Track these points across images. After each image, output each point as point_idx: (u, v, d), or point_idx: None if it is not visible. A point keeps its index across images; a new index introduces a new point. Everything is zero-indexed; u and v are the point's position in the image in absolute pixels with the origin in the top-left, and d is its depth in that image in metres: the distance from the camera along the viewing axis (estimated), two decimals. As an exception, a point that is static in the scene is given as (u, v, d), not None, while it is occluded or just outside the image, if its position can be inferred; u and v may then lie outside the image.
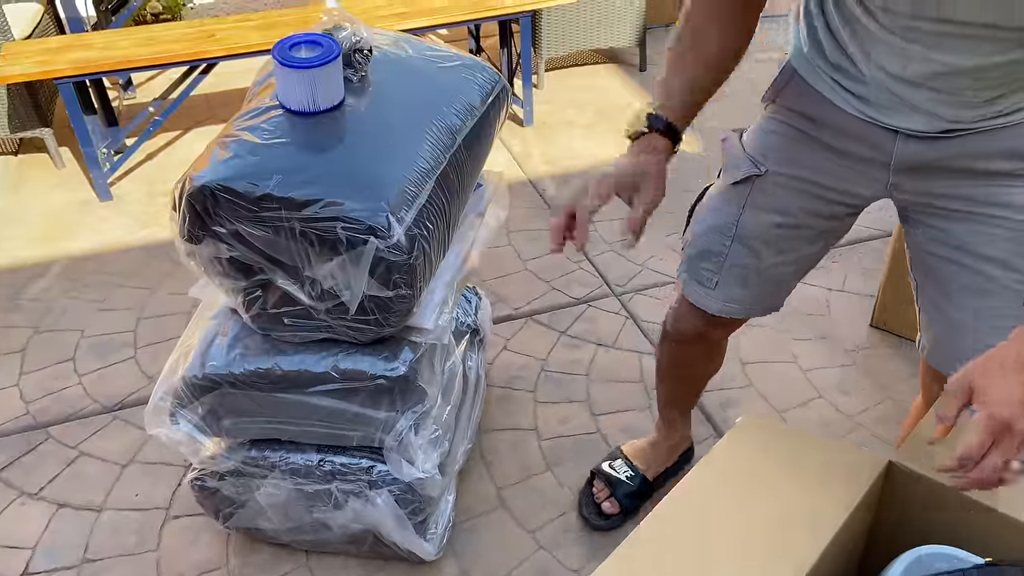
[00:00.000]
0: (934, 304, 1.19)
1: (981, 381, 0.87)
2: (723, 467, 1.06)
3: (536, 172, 3.00)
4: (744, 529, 0.94)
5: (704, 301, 1.34)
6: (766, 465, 1.05)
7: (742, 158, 1.23)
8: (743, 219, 1.24)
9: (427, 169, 1.33)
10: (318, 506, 1.55)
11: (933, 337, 1.22)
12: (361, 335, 1.39)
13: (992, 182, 1.08)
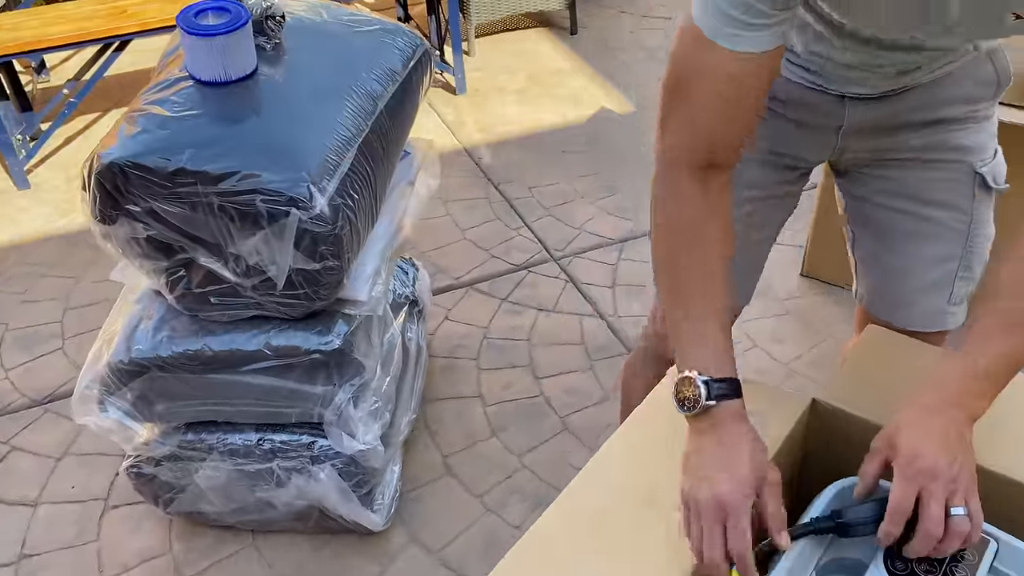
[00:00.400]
0: (873, 254, 1.20)
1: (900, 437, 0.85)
2: (661, 411, 1.07)
3: (471, 140, 2.97)
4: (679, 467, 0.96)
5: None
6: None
7: None
8: None
9: (348, 137, 1.31)
10: (260, 485, 1.53)
11: (871, 285, 1.23)
12: (292, 310, 1.37)
13: (944, 128, 1.08)
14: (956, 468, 0.82)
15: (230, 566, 1.61)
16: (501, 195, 2.70)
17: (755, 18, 0.80)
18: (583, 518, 0.94)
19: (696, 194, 0.89)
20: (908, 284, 1.16)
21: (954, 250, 1.12)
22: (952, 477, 0.82)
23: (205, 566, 1.62)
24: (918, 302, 1.17)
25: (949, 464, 0.82)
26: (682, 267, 0.91)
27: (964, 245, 1.12)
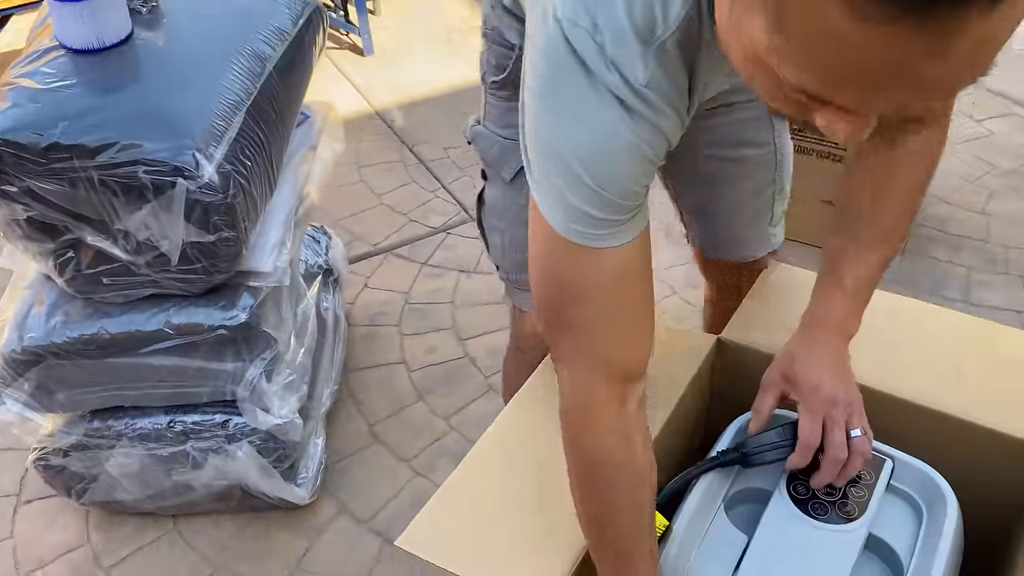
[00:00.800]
0: (699, 204, 1.22)
1: (791, 369, 0.90)
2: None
3: (382, 103, 2.90)
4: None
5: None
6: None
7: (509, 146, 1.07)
8: None
9: (235, 100, 1.25)
10: (176, 468, 1.49)
11: (700, 232, 1.26)
12: (191, 286, 1.32)
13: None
14: (849, 393, 0.86)
15: (152, 553, 1.57)
16: (416, 157, 2.65)
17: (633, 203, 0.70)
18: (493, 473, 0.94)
19: (618, 429, 0.78)
20: (735, 223, 1.20)
21: (768, 179, 1.16)
22: (848, 402, 0.86)
23: (126, 554, 1.57)
24: (745, 236, 1.21)
25: (844, 391, 0.86)
26: (613, 523, 0.81)
27: (775, 171, 1.16)
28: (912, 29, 0.41)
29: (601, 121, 0.65)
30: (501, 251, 1.13)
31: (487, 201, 1.13)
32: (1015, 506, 0.97)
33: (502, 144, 1.06)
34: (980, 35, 0.42)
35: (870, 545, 0.87)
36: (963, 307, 2.01)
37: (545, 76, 0.66)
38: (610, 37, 0.62)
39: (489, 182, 1.11)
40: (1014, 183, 2.40)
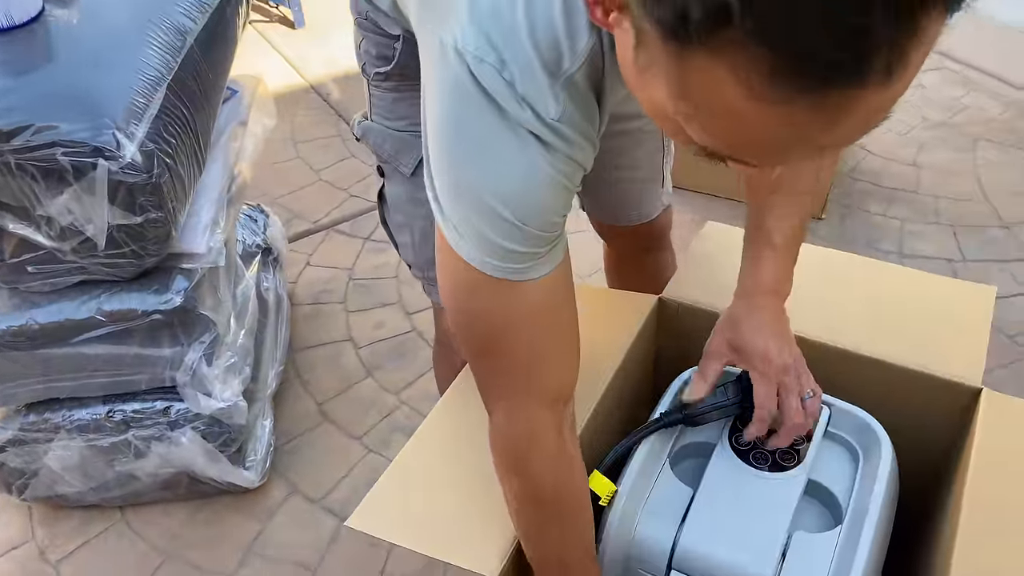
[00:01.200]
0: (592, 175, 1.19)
1: (736, 337, 0.89)
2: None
3: (317, 76, 2.84)
4: None
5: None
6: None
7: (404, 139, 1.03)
8: None
9: (156, 76, 1.21)
10: (119, 458, 1.46)
11: (594, 201, 1.27)
12: (121, 271, 1.27)
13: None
14: (795, 355, 0.87)
15: (100, 545, 1.54)
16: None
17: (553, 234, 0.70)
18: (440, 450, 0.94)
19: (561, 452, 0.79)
20: (630, 190, 1.21)
21: (657, 144, 1.17)
22: (797, 367, 0.86)
23: (72, 548, 1.53)
24: (639, 200, 1.23)
25: (791, 355, 0.87)
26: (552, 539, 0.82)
27: (661, 135, 1.16)
28: (808, 108, 0.42)
29: (520, 159, 0.63)
30: (412, 249, 1.08)
31: (389, 199, 1.07)
32: (945, 447, 1.01)
33: (395, 137, 1.01)
34: (875, 105, 0.43)
35: (810, 490, 0.90)
36: (897, 259, 2.06)
37: (453, 116, 0.64)
38: (519, 72, 0.60)
39: (388, 179, 1.05)
40: (943, 135, 2.46)
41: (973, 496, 0.83)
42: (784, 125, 0.44)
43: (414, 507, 0.88)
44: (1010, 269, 2.01)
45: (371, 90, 1.02)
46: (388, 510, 0.88)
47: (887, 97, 0.43)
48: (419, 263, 1.09)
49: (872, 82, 0.41)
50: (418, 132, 0.98)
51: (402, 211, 1.06)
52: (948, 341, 0.99)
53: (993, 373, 1.76)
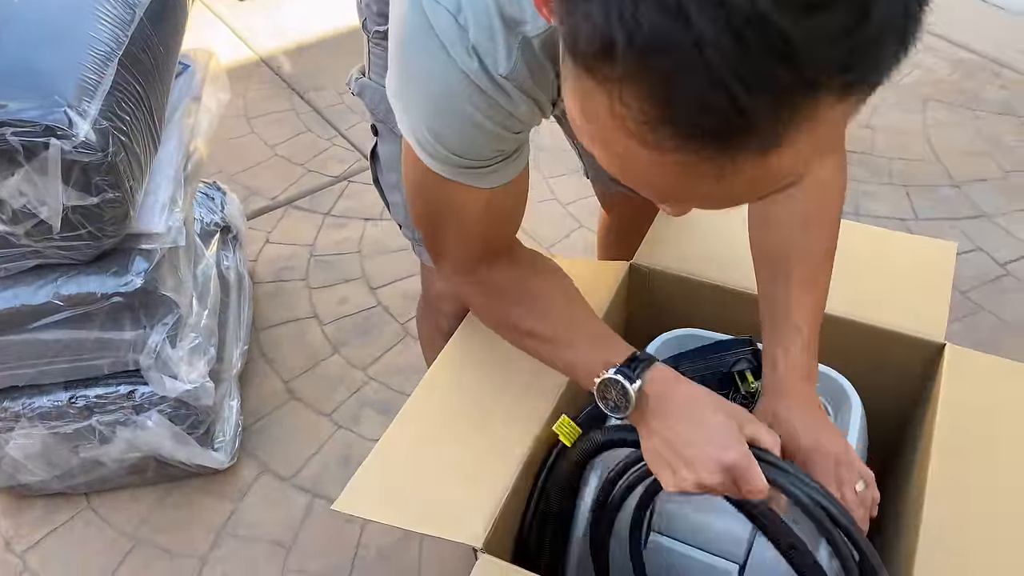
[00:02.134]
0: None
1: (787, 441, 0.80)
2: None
3: (266, 49, 2.77)
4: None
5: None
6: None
7: None
8: None
9: (106, 51, 1.16)
10: (83, 445, 1.43)
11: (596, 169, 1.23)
12: (78, 253, 1.24)
13: None
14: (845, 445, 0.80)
15: (67, 533, 1.51)
16: (309, 105, 2.56)
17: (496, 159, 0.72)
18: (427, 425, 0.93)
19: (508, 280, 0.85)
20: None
21: None
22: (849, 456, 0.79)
23: (39, 538, 1.50)
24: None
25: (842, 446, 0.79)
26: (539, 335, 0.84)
27: None
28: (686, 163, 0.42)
29: (457, 104, 0.65)
30: (404, 209, 1.06)
31: (382, 157, 1.06)
32: (911, 401, 1.04)
33: None
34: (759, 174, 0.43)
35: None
36: (852, 219, 2.09)
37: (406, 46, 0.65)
38: (473, 20, 0.60)
39: (381, 138, 1.04)
40: (895, 97, 2.51)
41: (941, 447, 0.86)
42: (668, 173, 0.43)
43: (398, 485, 0.88)
44: (961, 226, 2.06)
45: (371, 47, 1.01)
46: (373, 491, 0.87)
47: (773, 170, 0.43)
48: (410, 223, 1.08)
49: (747, 155, 0.41)
50: None
51: (396, 170, 1.04)
52: (911, 298, 1.02)
53: (948, 328, 1.82)
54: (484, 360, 0.99)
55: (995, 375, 0.93)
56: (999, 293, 1.89)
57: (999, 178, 2.20)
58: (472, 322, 1.05)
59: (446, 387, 0.97)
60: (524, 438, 0.89)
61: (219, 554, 1.48)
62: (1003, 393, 0.91)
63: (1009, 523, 0.80)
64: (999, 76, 2.57)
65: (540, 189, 2.24)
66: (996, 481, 0.83)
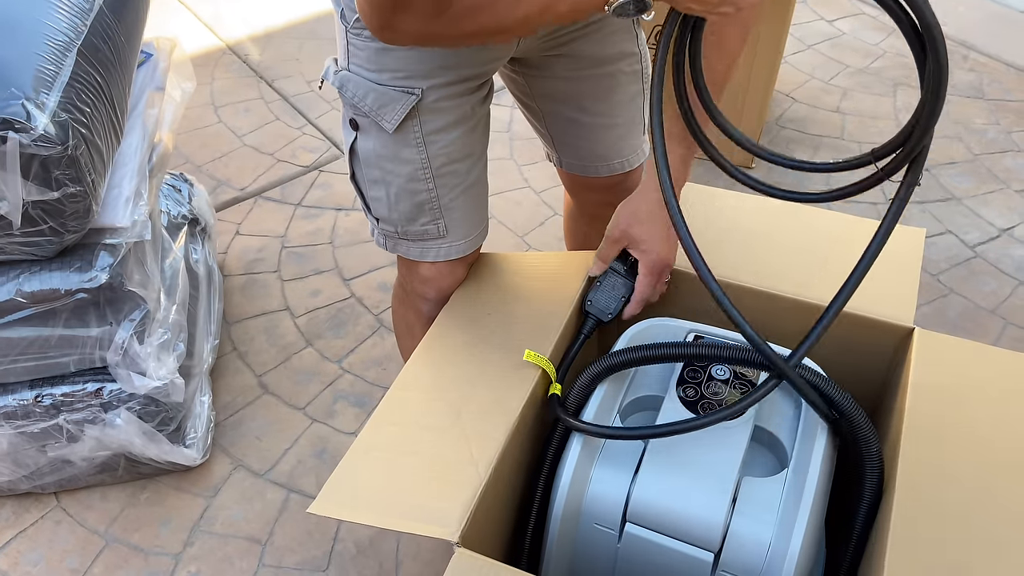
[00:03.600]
0: (569, 119, 1.18)
1: (636, 231, 1.03)
2: (468, 298, 1.07)
3: (233, 36, 2.73)
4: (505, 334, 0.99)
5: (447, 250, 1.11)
6: (505, 283, 1.07)
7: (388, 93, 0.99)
8: (431, 153, 1.03)
9: (64, 41, 1.13)
10: (51, 444, 1.40)
11: (573, 150, 1.23)
12: (40, 249, 1.21)
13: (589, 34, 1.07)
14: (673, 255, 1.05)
15: (36, 534, 1.48)
16: (277, 93, 2.52)
17: None
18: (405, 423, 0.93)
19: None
20: (604, 138, 1.19)
21: (637, 87, 1.16)
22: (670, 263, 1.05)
23: (8, 539, 1.48)
24: (615, 149, 1.20)
25: (673, 256, 1.05)
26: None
27: (642, 78, 1.16)
28: None
29: None
30: (386, 204, 1.07)
31: (362, 154, 1.05)
32: (882, 384, 1.04)
33: (379, 91, 0.98)
34: None
35: (756, 437, 0.92)
36: (823, 205, 2.11)
37: None
38: None
39: (363, 132, 1.03)
40: (865, 81, 2.52)
41: (911, 428, 0.86)
42: None
43: (375, 485, 0.87)
44: (931, 210, 2.08)
45: (349, 39, 0.99)
46: (349, 491, 0.86)
47: None
48: (392, 218, 1.08)
49: None
50: (405, 87, 0.98)
51: (378, 167, 1.04)
52: (881, 283, 1.02)
53: (918, 310, 1.83)
54: (459, 354, 0.98)
55: (964, 358, 0.94)
56: (969, 275, 1.91)
57: (968, 161, 2.22)
58: (448, 314, 1.04)
59: (421, 382, 0.96)
60: (499, 431, 0.88)
61: (193, 552, 1.46)
62: (971, 376, 0.92)
63: (979, 506, 0.80)
64: (967, 59, 2.60)
65: (514, 177, 2.23)
66: (966, 463, 0.84)
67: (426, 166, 1.03)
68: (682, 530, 0.86)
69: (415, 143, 1.01)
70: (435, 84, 0.98)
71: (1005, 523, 0.79)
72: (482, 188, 1.12)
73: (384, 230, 1.10)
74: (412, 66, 0.97)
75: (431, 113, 1.00)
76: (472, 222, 1.10)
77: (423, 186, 1.04)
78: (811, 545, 0.84)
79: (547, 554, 0.94)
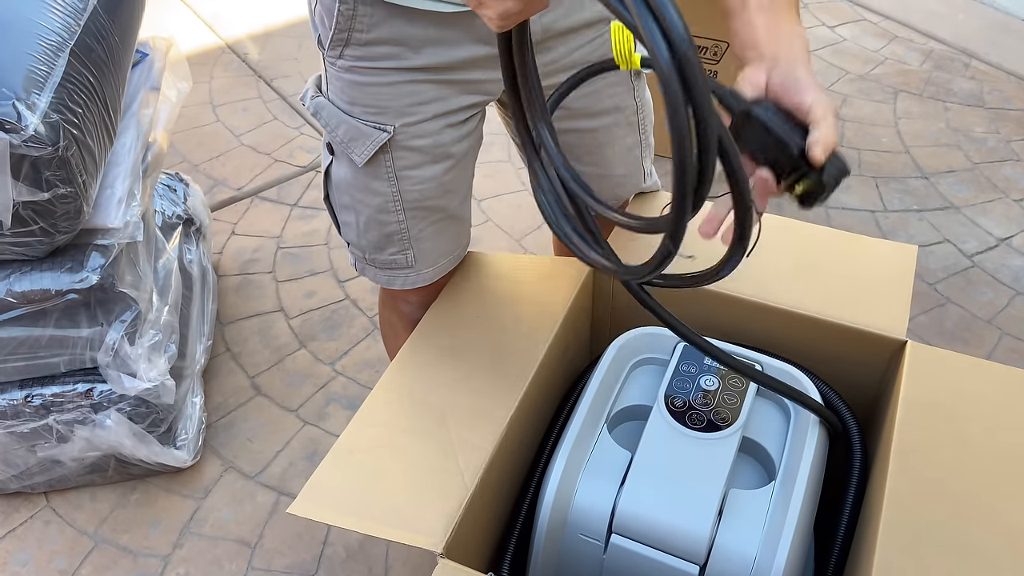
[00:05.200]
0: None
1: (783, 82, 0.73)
2: (455, 299, 1.06)
3: (233, 35, 2.72)
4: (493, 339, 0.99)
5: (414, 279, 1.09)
6: (495, 285, 1.07)
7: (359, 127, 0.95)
8: (403, 188, 0.99)
9: (56, 41, 1.13)
10: (40, 444, 1.40)
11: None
12: (31, 250, 1.20)
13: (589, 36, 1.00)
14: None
15: (26, 534, 1.48)
16: (276, 92, 2.51)
17: None
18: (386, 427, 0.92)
19: None
20: (604, 183, 1.13)
21: (634, 139, 1.12)
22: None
23: (-4, 540, 1.48)
24: (616, 195, 1.16)
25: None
26: None
27: (639, 130, 1.12)
28: None
29: None
30: (355, 231, 1.05)
31: (335, 179, 1.02)
32: (874, 396, 1.04)
33: (350, 124, 0.95)
34: None
35: (744, 448, 0.91)
36: (822, 210, 2.11)
37: None
38: None
39: (337, 159, 1.00)
40: (865, 88, 2.51)
41: (901, 441, 0.86)
42: None
43: (357, 488, 0.86)
44: (928, 218, 2.07)
45: (326, 65, 0.96)
46: (331, 493, 0.86)
47: None
48: (360, 244, 1.06)
49: None
50: (375, 123, 0.95)
51: (349, 195, 1.02)
52: (874, 297, 1.01)
53: (915, 320, 1.83)
54: (444, 356, 0.97)
55: (956, 371, 0.94)
56: (966, 285, 1.91)
57: (967, 169, 2.22)
58: (435, 315, 1.03)
59: (406, 385, 0.95)
60: (486, 441, 0.88)
61: (182, 553, 1.46)
62: (964, 389, 0.92)
63: (968, 520, 0.80)
64: (968, 67, 2.59)
65: (511, 181, 2.22)
66: (956, 476, 0.83)
67: (397, 199, 1.00)
68: (668, 542, 0.85)
69: (386, 177, 0.99)
70: (409, 122, 0.94)
71: (993, 536, 0.78)
72: (459, 220, 1.07)
73: (354, 253, 1.09)
74: (385, 102, 0.93)
75: (404, 150, 0.96)
76: (442, 251, 1.07)
77: (393, 218, 1.01)
78: (797, 558, 0.83)
79: (532, 564, 0.93)
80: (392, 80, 0.92)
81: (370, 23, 0.89)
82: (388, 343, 1.33)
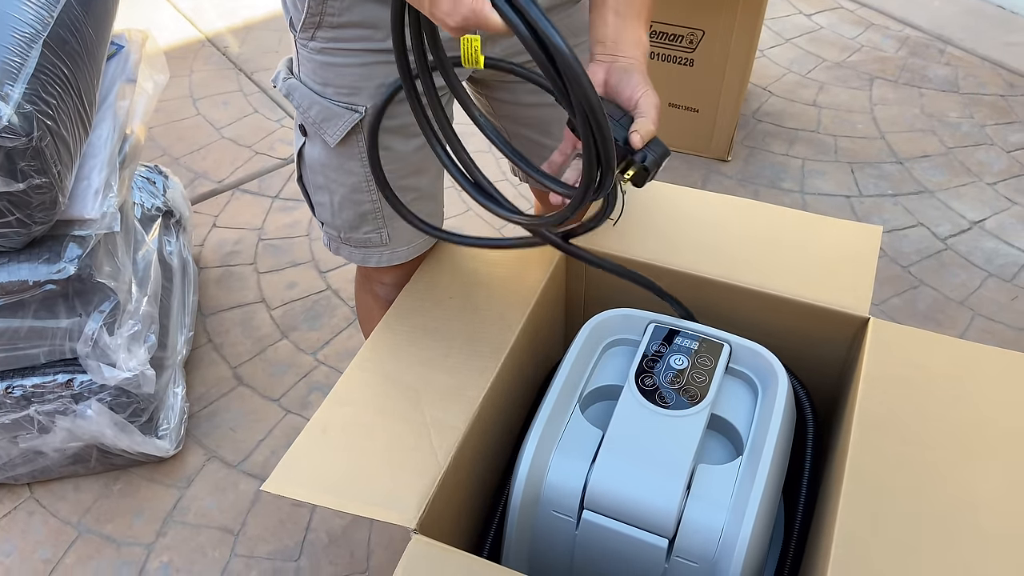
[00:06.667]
0: (534, 143, 1.16)
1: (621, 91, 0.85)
2: (430, 280, 1.07)
3: (213, 28, 2.72)
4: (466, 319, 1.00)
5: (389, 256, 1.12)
6: (468, 267, 1.08)
7: (331, 108, 0.97)
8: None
9: (29, 32, 1.13)
10: (22, 435, 1.40)
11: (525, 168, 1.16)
12: (7, 240, 1.21)
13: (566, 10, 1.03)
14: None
15: (9, 525, 1.49)
16: (256, 85, 2.51)
17: None
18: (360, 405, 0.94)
19: None
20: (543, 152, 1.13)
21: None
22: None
23: (-20, 532, 1.48)
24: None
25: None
26: None
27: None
28: None
29: None
30: (329, 210, 1.06)
31: (308, 160, 1.03)
32: (839, 373, 1.06)
33: (322, 105, 0.96)
34: None
35: (713, 425, 0.93)
36: (799, 196, 2.13)
37: None
38: None
39: (310, 140, 1.02)
40: (841, 75, 2.54)
41: (863, 416, 0.88)
42: None
43: (331, 466, 0.88)
44: (903, 203, 2.10)
45: (297, 47, 0.97)
46: (305, 471, 0.87)
47: None
48: (335, 224, 1.08)
49: None
50: (347, 104, 0.96)
51: (323, 175, 1.03)
52: (838, 276, 1.03)
53: (888, 302, 1.86)
54: (418, 336, 0.99)
55: (918, 347, 0.96)
56: (939, 267, 1.94)
57: (941, 154, 2.24)
58: (408, 295, 1.04)
59: (380, 364, 0.97)
60: (459, 417, 0.89)
61: (165, 542, 1.47)
62: (925, 365, 0.94)
63: (928, 490, 0.82)
64: (944, 53, 2.62)
65: (491, 170, 2.24)
66: (916, 449, 0.86)
67: (370, 179, 1.01)
68: (638, 517, 0.87)
69: (359, 156, 1.00)
70: (380, 103, 0.95)
71: (952, 507, 0.81)
72: (432, 199, 1.09)
73: (328, 233, 1.10)
74: (357, 83, 0.95)
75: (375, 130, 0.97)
76: (416, 230, 1.07)
77: (366, 197, 1.03)
78: (763, 528, 0.85)
79: (507, 541, 0.95)
80: (364, 61, 0.94)
81: (341, 6, 0.90)
82: (364, 325, 1.35)
